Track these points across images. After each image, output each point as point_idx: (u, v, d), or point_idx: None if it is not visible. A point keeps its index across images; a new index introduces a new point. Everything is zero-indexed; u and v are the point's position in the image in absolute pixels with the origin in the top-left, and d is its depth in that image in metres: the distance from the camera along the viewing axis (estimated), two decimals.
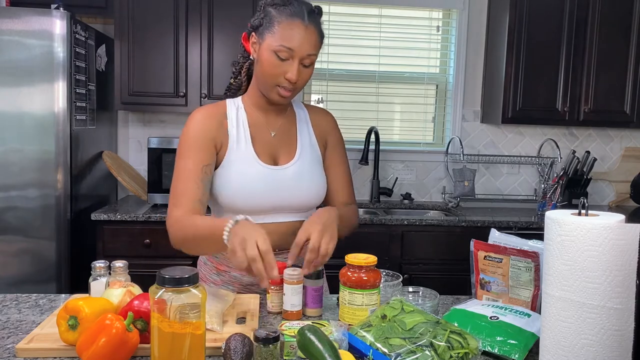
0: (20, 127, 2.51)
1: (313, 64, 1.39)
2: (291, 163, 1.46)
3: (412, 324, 1.06)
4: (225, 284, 1.49)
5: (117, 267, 1.26)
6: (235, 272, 1.47)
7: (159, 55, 2.96)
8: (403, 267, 2.86)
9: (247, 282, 1.47)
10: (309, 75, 1.40)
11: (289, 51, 1.32)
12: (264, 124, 1.48)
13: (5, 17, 2.46)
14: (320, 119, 1.56)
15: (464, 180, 3.36)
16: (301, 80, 1.38)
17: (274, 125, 1.49)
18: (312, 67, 1.40)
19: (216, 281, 1.50)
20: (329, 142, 1.56)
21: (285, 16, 1.33)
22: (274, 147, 1.47)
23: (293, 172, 1.45)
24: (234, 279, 1.48)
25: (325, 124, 1.56)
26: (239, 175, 1.40)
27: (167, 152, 2.88)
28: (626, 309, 0.90)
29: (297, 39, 1.32)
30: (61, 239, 2.58)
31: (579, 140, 3.57)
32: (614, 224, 0.89)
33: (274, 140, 1.47)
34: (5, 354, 1.07)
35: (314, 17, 1.36)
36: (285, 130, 1.49)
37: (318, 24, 1.38)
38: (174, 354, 0.93)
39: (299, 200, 1.45)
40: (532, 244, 1.31)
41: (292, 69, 1.33)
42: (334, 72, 3.43)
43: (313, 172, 1.48)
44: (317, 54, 1.39)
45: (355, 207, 1.57)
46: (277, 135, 1.48)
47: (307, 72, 1.38)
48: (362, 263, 1.22)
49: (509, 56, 3.11)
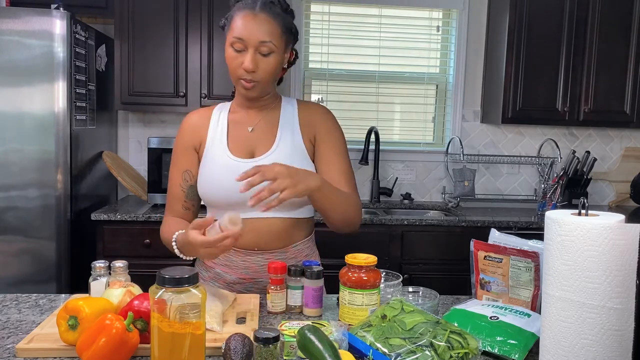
0: (20, 127, 2.51)
1: (273, 53, 1.38)
2: (265, 155, 1.44)
3: (412, 324, 1.05)
4: (212, 280, 1.50)
5: (117, 267, 1.26)
6: (219, 268, 1.49)
7: (159, 55, 2.96)
8: (403, 267, 2.86)
9: (230, 279, 1.48)
10: (270, 66, 1.38)
11: (240, 41, 1.36)
12: (243, 120, 1.50)
13: (5, 17, 2.47)
14: (309, 112, 1.51)
15: (464, 180, 3.36)
16: (262, 71, 1.38)
17: (253, 121, 1.49)
18: (274, 57, 1.38)
19: (204, 277, 1.52)
20: (317, 134, 1.49)
21: (237, 10, 1.39)
22: (250, 142, 1.47)
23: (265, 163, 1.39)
24: (218, 276, 1.49)
25: (312, 118, 1.50)
26: (210, 171, 1.45)
27: (167, 152, 2.88)
28: (626, 309, 0.90)
29: (247, 28, 1.35)
30: (61, 239, 2.58)
31: (579, 140, 3.57)
32: (614, 224, 0.89)
33: (252, 135, 1.47)
34: (5, 354, 1.07)
35: (267, 6, 1.37)
36: (264, 125, 1.49)
37: (274, 14, 1.37)
38: (174, 354, 0.93)
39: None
40: (532, 244, 1.31)
41: (247, 57, 1.36)
42: (334, 72, 3.43)
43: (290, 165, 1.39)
44: (279, 44, 1.38)
45: (355, 196, 1.48)
46: (255, 130, 1.48)
47: (267, 61, 1.38)
48: (362, 263, 1.22)
49: (509, 56, 3.11)
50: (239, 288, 1.47)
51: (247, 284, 1.47)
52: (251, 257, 1.45)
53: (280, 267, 1.32)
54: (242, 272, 1.46)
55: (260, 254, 1.45)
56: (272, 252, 1.46)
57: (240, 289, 1.47)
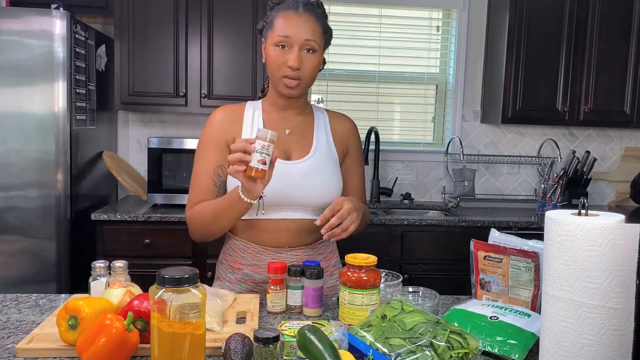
0: (20, 127, 2.51)
1: (316, 51, 1.42)
2: (303, 159, 1.48)
3: (412, 324, 1.05)
4: (239, 282, 1.50)
5: (117, 267, 1.26)
6: (247, 269, 1.49)
7: (159, 55, 2.96)
8: (403, 267, 2.86)
9: (259, 279, 1.48)
10: (314, 64, 1.43)
11: (286, 39, 1.39)
12: (279, 122, 1.51)
13: (5, 17, 2.46)
14: (340, 124, 1.59)
15: (464, 180, 3.36)
16: (306, 69, 1.42)
17: (290, 124, 1.52)
18: (317, 56, 1.43)
19: (231, 279, 1.52)
20: (349, 147, 1.58)
21: (281, 11, 1.43)
22: (287, 144, 1.49)
23: (303, 167, 1.46)
24: (246, 277, 1.50)
25: (344, 130, 1.59)
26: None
27: (167, 152, 2.88)
28: (626, 309, 0.90)
29: (292, 26, 1.39)
30: (61, 239, 2.58)
31: (579, 140, 3.57)
32: (614, 224, 0.89)
33: (288, 138, 1.50)
34: (5, 354, 1.07)
35: (309, 7, 1.43)
36: (301, 129, 1.52)
37: (317, 15, 1.43)
38: (174, 354, 0.93)
39: (307, 197, 1.45)
40: (532, 244, 1.31)
41: (292, 55, 1.39)
42: (334, 72, 3.43)
43: (325, 171, 1.49)
44: (320, 43, 1.43)
45: (367, 208, 1.61)
46: (292, 133, 1.51)
47: (311, 59, 1.42)
48: (362, 263, 1.22)
49: (508, 56, 3.11)
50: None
51: None
52: (281, 255, 1.47)
53: (281, 267, 1.32)
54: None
55: (290, 251, 1.48)
56: (300, 249, 1.49)
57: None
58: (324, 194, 1.46)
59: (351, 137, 1.59)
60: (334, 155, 1.53)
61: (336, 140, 1.55)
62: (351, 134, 1.60)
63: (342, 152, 1.56)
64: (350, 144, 1.58)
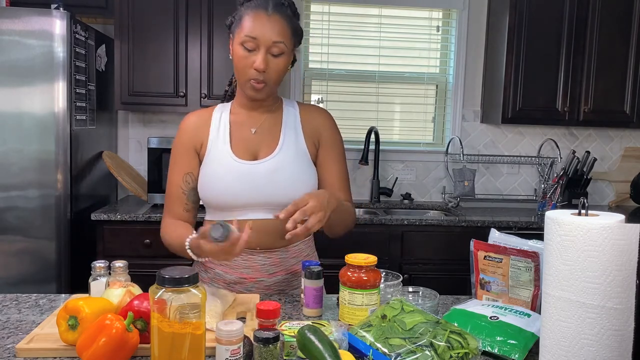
0: (20, 127, 2.51)
1: (284, 54, 1.39)
2: (269, 158, 1.44)
3: (412, 324, 1.05)
4: (211, 280, 1.50)
5: (117, 267, 1.26)
6: (219, 269, 1.49)
7: (159, 55, 2.96)
8: (403, 267, 2.86)
9: (230, 279, 1.48)
10: (280, 67, 1.40)
11: (253, 40, 1.36)
12: (245, 122, 1.49)
13: (5, 17, 2.46)
14: (312, 117, 1.53)
15: (464, 180, 3.36)
16: (272, 71, 1.39)
17: (256, 123, 1.49)
18: (284, 58, 1.40)
19: (204, 278, 1.52)
20: (322, 140, 1.51)
21: (250, 9, 1.39)
22: (253, 144, 1.47)
23: (269, 165, 1.43)
24: (218, 276, 1.49)
25: (316, 122, 1.52)
26: (212, 173, 1.44)
27: (167, 152, 2.88)
28: (626, 309, 0.90)
29: (260, 27, 1.36)
30: (61, 239, 2.58)
31: (579, 140, 3.57)
32: (614, 224, 0.89)
33: (254, 137, 1.47)
34: (5, 354, 1.07)
35: (279, 8, 1.39)
36: (267, 127, 1.49)
37: (287, 16, 1.40)
38: (174, 354, 0.93)
39: (274, 196, 1.41)
40: (532, 244, 1.31)
41: (258, 57, 1.36)
42: (334, 72, 3.43)
43: (294, 168, 1.44)
44: (289, 45, 1.40)
45: (352, 204, 1.54)
46: (258, 132, 1.48)
47: (277, 62, 1.39)
48: (362, 263, 1.22)
49: (508, 56, 3.11)
50: (239, 288, 1.47)
51: (248, 284, 1.47)
52: (253, 257, 1.46)
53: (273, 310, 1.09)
54: (243, 271, 1.46)
55: (262, 253, 1.46)
56: (274, 252, 1.46)
57: (240, 289, 1.47)
58: (293, 192, 1.39)
59: (324, 130, 1.52)
60: (304, 149, 1.48)
61: (306, 134, 1.49)
62: (323, 126, 1.52)
63: (313, 146, 1.50)
64: (323, 136, 1.51)
